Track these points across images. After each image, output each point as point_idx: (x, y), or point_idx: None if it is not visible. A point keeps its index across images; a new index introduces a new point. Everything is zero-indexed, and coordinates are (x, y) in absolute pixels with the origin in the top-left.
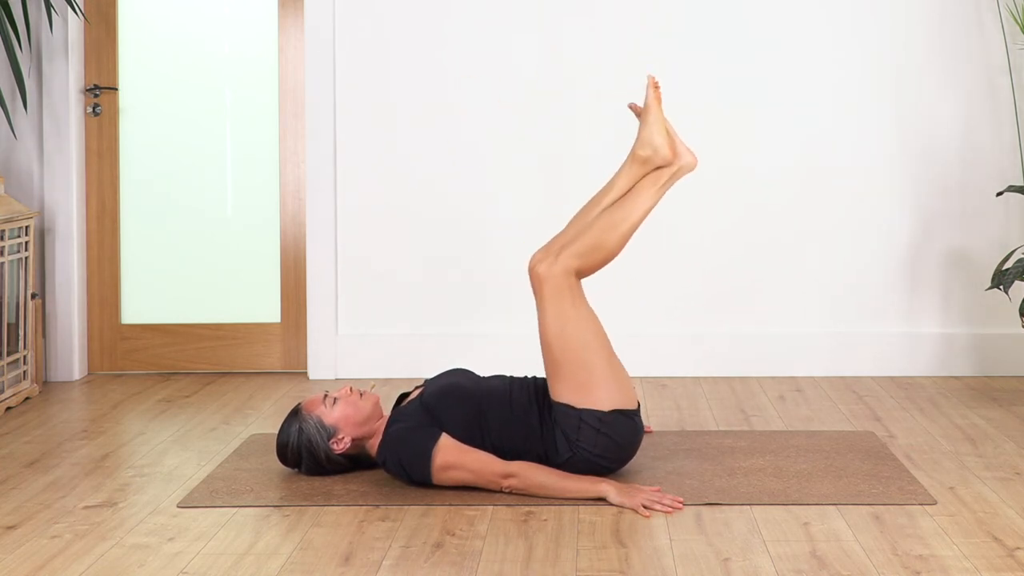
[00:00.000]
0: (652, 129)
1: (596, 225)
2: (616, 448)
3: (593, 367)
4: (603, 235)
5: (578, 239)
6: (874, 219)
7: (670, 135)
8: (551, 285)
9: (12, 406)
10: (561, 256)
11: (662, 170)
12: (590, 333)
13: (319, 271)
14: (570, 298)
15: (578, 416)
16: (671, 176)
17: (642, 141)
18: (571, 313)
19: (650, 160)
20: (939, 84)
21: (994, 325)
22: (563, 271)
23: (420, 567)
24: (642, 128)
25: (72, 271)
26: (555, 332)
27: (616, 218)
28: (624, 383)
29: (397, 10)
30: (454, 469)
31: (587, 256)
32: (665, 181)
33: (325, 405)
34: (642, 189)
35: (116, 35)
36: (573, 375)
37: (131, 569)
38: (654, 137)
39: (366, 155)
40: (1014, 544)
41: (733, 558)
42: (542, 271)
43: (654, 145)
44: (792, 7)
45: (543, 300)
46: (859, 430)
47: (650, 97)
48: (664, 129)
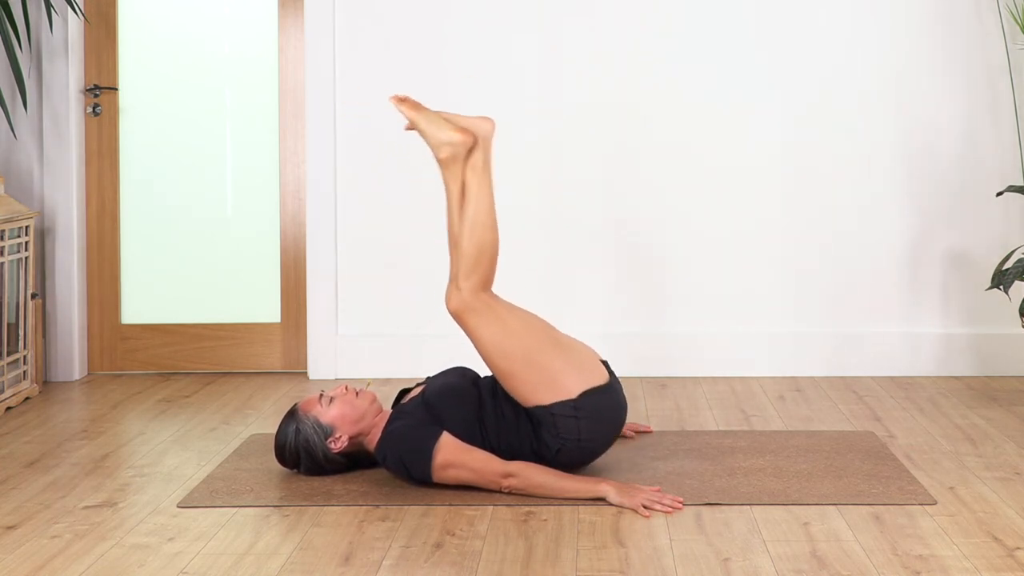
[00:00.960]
0: (430, 131)
1: (463, 237)
2: (600, 425)
3: (542, 364)
4: (473, 241)
5: (460, 259)
6: (874, 219)
7: (451, 121)
8: (469, 313)
9: (12, 406)
10: (461, 283)
11: (473, 154)
12: (526, 335)
13: (319, 271)
14: (491, 313)
15: (550, 412)
16: (483, 153)
17: (434, 145)
18: (498, 326)
19: (455, 155)
20: (939, 84)
21: (994, 325)
22: (471, 294)
23: (420, 567)
24: (425, 137)
25: (72, 271)
26: (495, 351)
27: (472, 220)
28: (583, 362)
29: (397, 10)
30: (454, 468)
31: (478, 267)
32: (482, 160)
33: (321, 405)
34: (470, 182)
35: (116, 35)
36: (529, 380)
37: (131, 569)
38: (439, 136)
39: (366, 155)
40: (1014, 544)
41: (733, 558)
42: (455, 306)
43: (445, 141)
44: (792, 7)
45: (471, 329)
46: (859, 430)
47: (407, 114)
48: (441, 121)
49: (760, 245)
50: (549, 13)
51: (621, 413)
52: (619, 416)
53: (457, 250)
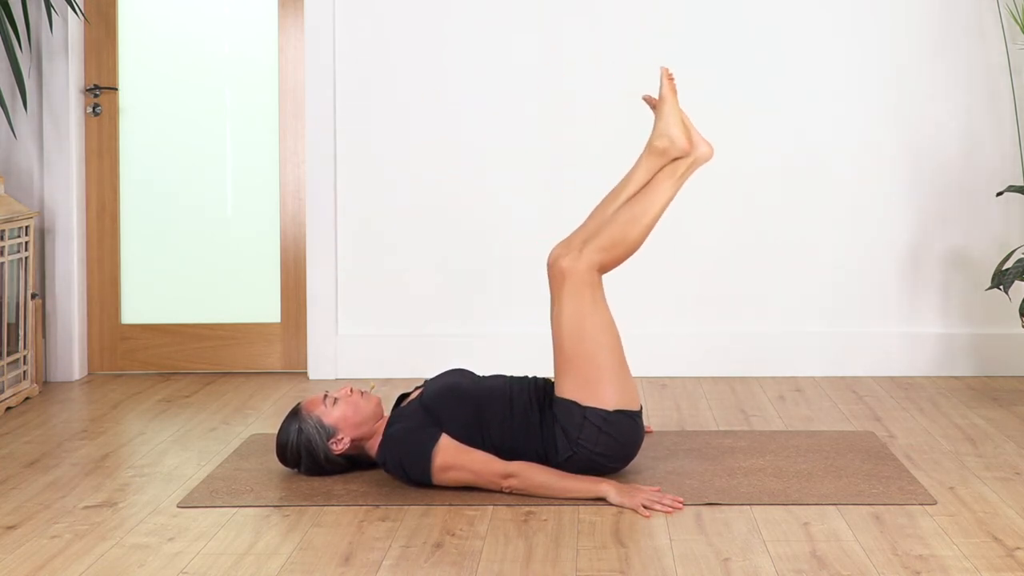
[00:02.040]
0: (668, 120)
1: (617, 219)
2: (618, 447)
3: (603, 365)
4: (625, 229)
5: (600, 234)
6: (874, 219)
7: (686, 126)
8: (573, 280)
9: (12, 406)
10: (584, 251)
11: (679, 161)
12: (605, 331)
13: (319, 271)
14: (590, 294)
15: (582, 414)
16: (688, 167)
17: (658, 132)
18: (589, 309)
19: (667, 151)
20: (939, 84)
21: (994, 325)
22: (587, 266)
23: (420, 567)
24: (658, 120)
25: (72, 271)
26: (571, 327)
27: (636, 211)
28: (630, 384)
29: (397, 10)
30: (454, 469)
31: (610, 250)
32: (683, 172)
33: (325, 405)
34: (660, 181)
35: (116, 35)
36: (582, 371)
37: (131, 569)
38: (670, 128)
39: (366, 155)
40: (1014, 544)
41: (733, 558)
42: (565, 265)
43: (670, 136)
44: (792, 7)
45: (563, 294)
46: (859, 430)
47: (665, 89)
48: (680, 120)
49: (760, 245)
50: (549, 13)
51: (637, 446)
52: (635, 445)
53: (602, 225)
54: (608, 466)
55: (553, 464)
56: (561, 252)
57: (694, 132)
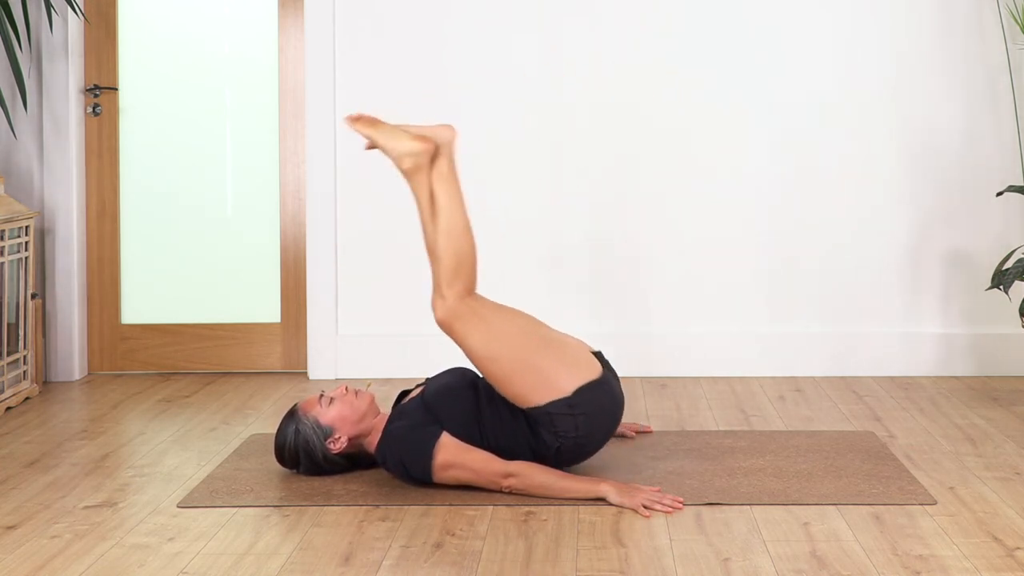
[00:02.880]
0: (390, 145)
1: (439, 246)
2: (597, 421)
3: (534, 364)
4: (452, 248)
5: (441, 268)
6: (874, 219)
7: (409, 133)
8: (457, 320)
9: (12, 406)
10: (444, 291)
11: (438, 161)
12: (515, 337)
13: (319, 271)
14: (477, 318)
15: (547, 412)
16: (447, 160)
17: (396, 159)
18: (487, 332)
19: (418, 164)
20: (939, 84)
21: (994, 325)
22: (456, 302)
23: (420, 567)
24: (386, 152)
25: (72, 271)
26: (485, 356)
27: (446, 228)
28: (575, 357)
29: (397, 10)
30: (455, 468)
31: (459, 273)
32: (447, 168)
33: (321, 405)
34: (437, 191)
35: (116, 35)
36: (523, 382)
37: (131, 569)
38: (399, 148)
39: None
40: (1014, 544)
41: (733, 558)
42: (441, 315)
43: (406, 152)
44: (792, 7)
45: (461, 338)
46: (859, 430)
47: (364, 132)
48: (400, 134)
49: (760, 245)
50: (549, 13)
51: (618, 405)
52: (616, 408)
53: (436, 260)
54: (599, 440)
55: (547, 459)
56: (434, 307)
57: (422, 129)
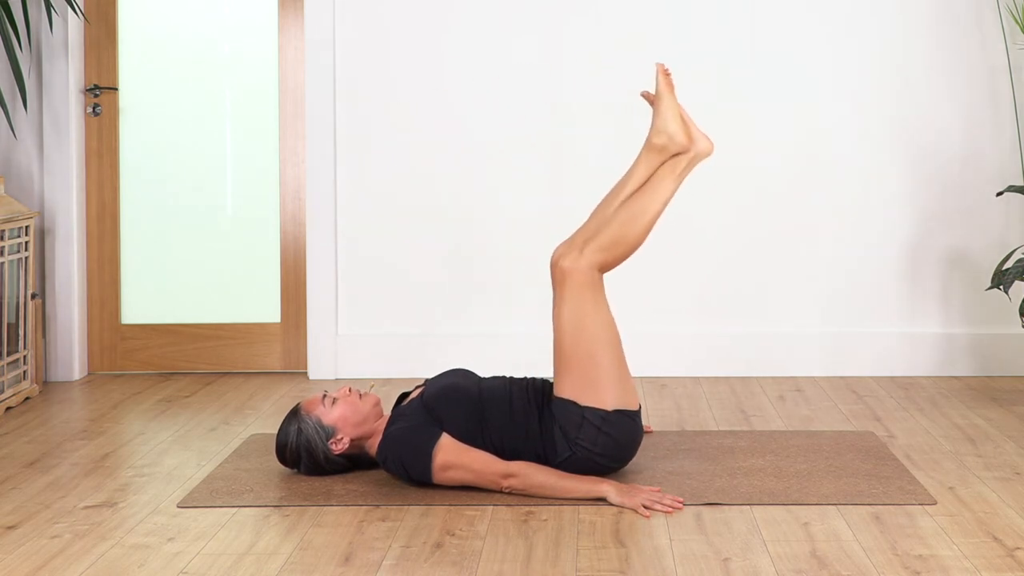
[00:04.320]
0: (666, 116)
1: (617, 218)
2: (616, 448)
3: (602, 365)
4: (625, 227)
5: (601, 232)
6: (874, 219)
7: (684, 121)
8: (575, 280)
9: (12, 406)
10: (586, 250)
11: (679, 157)
12: (605, 331)
13: (319, 271)
14: (591, 293)
15: (580, 413)
16: (688, 163)
17: (656, 129)
18: (590, 308)
19: (666, 148)
20: (939, 84)
21: (994, 325)
22: (588, 265)
23: (420, 567)
24: (656, 116)
25: (72, 271)
26: (572, 326)
27: (636, 209)
28: (629, 384)
29: (397, 9)
30: (454, 468)
31: (611, 249)
32: (683, 168)
33: (324, 405)
34: (661, 178)
35: (116, 35)
36: (582, 371)
37: (131, 569)
38: (668, 124)
39: (366, 155)
40: (1014, 544)
41: (733, 558)
42: (567, 265)
43: (669, 132)
44: (793, 6)
45: (565, 294)
46: (859, 430)
47: (661, 85)
48: (678, 116)
49: (760, 245)
50: (549, 13)
51: (636, 444)
52: (634, 445)
53: (601, 225)
54: (607, 466)
55: (552, 465)
56: (563, 252)
57: (693, 127)
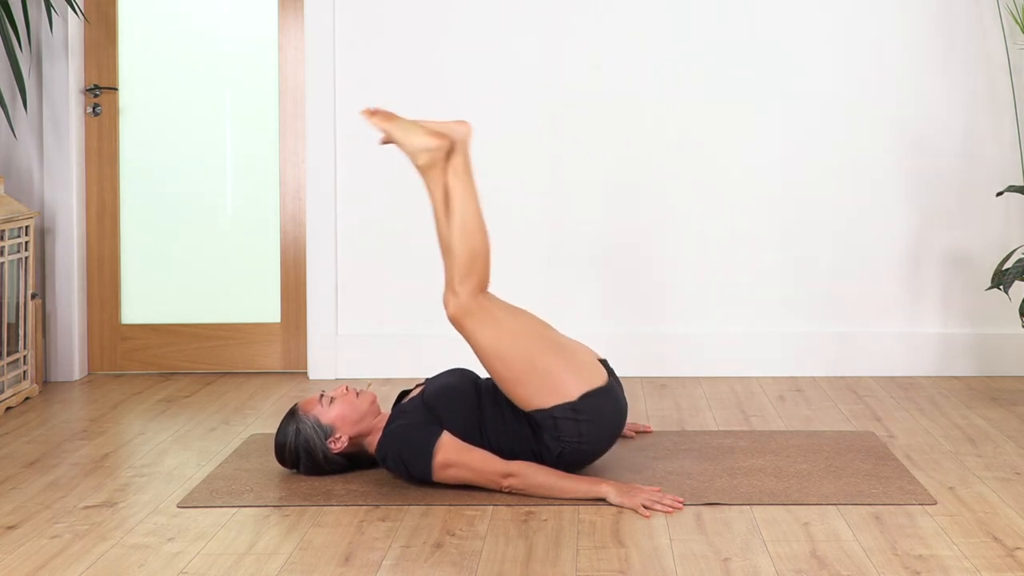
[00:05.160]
0: (406, 140)
1: (454, 242)
2: (601, 427)
3: (542, 366)
4: (466, 246)
5: (454, 265)
6: (874, 219)
7: (425, 128)
8: (468, 317)
9: (12, 406)
10: (457, 288)
11: (453, 158)
12: (525, 338)
13: (319, 271)
14: (488, 316)
15: (551, 415)
16: (462, 155)
17: (411, 154)
18: (497, 330)
19: (434, 160)
20: (939, 84)
21: (994, 325)
22: (468, 298)
23: (420, 567)
24: (401, 146)
25: (72, 271)
26: (493, 355)
27: (460, 224)
28: (582, 363)
29: (397, 10)
30: (454, 467)
31: (472, 271)
32: (462, 165)
33: (322, 405)
34: (452, 187)
35: (116, 35)
36: (529, 383)
37: (131, 569)
38: (415, 143)
39: (366, 155)
40: (1014, 544)
41: (733, 558)
42: (453, 311)
43: (421, 147)
44: (792, 6)
45: (469, 333)
46: (859, 430)
47: (380, 126)
48: (416, 129)
49: (760, 245)
50: (549, 13)
51: (621, 413)
52: (619, 417)
53: (450, 256)
54: (601, 447)
55: (548, 462)
56: (445, 302)
57: (436, 125)
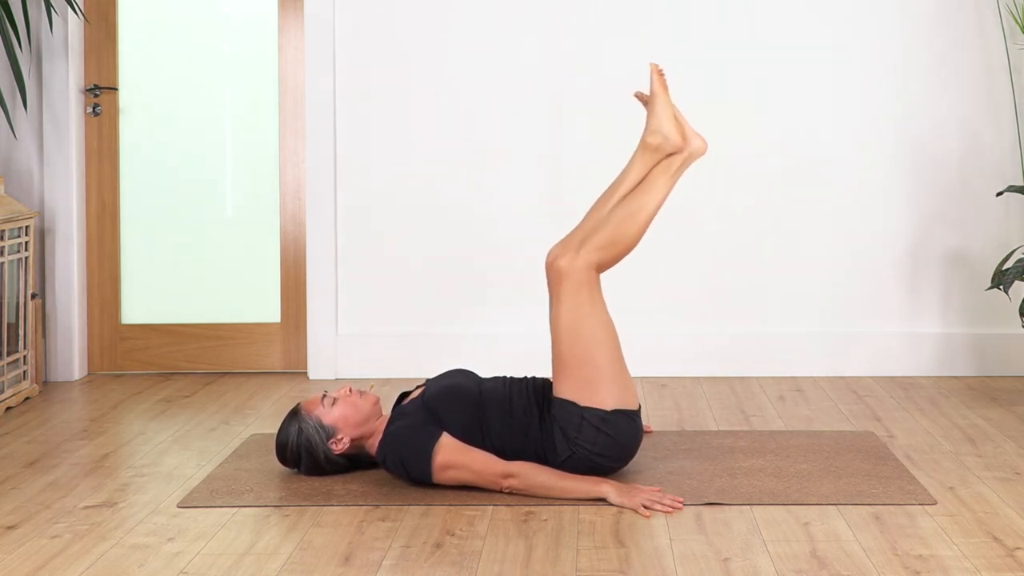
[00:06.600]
0: (660, 116)
1: (613, 218)
2: (616, 447)
3: (601, 365)
4: (621, 227)
5: (596, 233)
6: (874, 219)
7: (679, 121)
8: (571, 280)
9: (12, 406)
10: (582, 251)
11: (673, 157)
12: (603, 331)
13: (319, 271)
14: (588, 294)
15: (580, 414)
16: (683, 162)
17: (651, 129)
18: (587, 309)
19: (661, 148)
20: (939, 84)
21: (994, 325)
22: (584, 266)
23: (420, 567)
24: (650, 116)
25: (72, 271)
26: (568, 327)
27: (632, 209)
28: (628, 384)
29: (397, 9)
30: (454, 468)
31: (607, 249)
32: (677, 168)
33: (324, 405)
34: (655, 178)
35: (116, 35)
36: (580, 371)
37: (131, 569)
38: (663, 124)
39: (366, 155)
40: (1014, 544)
41: (733, 558)
42: (563, 265)
43: (663, 132)
44: (793, 5)
45: (561, 294)
46: (859, 430)
47: (655, 84)
48: (672, 115)
49: (760, 245)
50: (550, 13)
51: (636, 445)
52: (634, 445)
53: (598, 225)
54: (607, 466)
55: (552, 465)
56: (559, 252)
57: (687, 127)
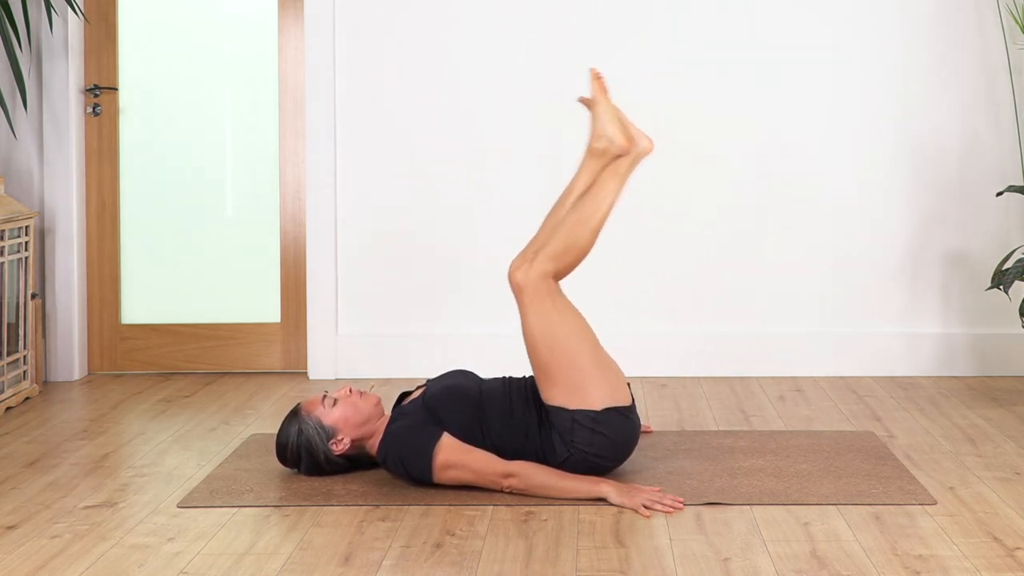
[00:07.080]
0: (603, 120)
1: (565, 224)
2: (612, 446)
3: (582, 367)
4: (573, 233)
5: (550, 241)
6: (874, 219)
7: (623, 123)
8: (529, 292)
9: (12, 406)
10: (535, 262)
11: (621, 159)
12: (575, 333)
13: (319, 271)
14: (550, 301)
15: (571, 417)
16: (630, 163)
17: (595, 134)
18: (554, 316)
19: (607, 151)
20: (939, 84)
21: (994, 325)
22: (540, 275)
23: (420, 567)
24: (594, 121)
25: (72, 271)
26: (540, 337)
27: (583, 214)
28: (615, 379)
29: (397, 10)
30: (455, 468)
31: (562, 257)
32: (625, 169)
33: (324, 406)
34: (604, 182)
35: (116, 35)
36: (563, 377)
37: (131, 569)
38: (606, 128)
39: (366, 155)
40: (1014, 544)
41: (733, 558)
42: (519, 278)
43: (608, 136)
44: (793, 5)
45: (524, 307)
46: (859, 430)
47: (595, 89)
48: (616, 118)
49: (760, 245)
50: (550, 13)
51: (634, 438)
52: (632, 440)
53: (552, 233)
54: (606, 464)
55: (552, 465)
56: (516, 265)
57: (632, 128)
